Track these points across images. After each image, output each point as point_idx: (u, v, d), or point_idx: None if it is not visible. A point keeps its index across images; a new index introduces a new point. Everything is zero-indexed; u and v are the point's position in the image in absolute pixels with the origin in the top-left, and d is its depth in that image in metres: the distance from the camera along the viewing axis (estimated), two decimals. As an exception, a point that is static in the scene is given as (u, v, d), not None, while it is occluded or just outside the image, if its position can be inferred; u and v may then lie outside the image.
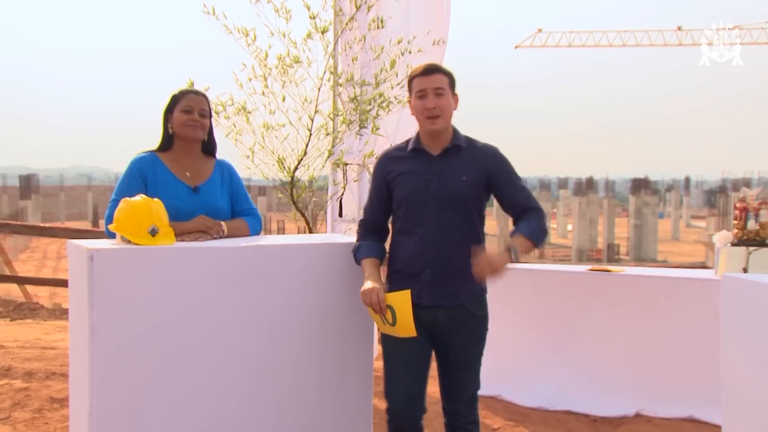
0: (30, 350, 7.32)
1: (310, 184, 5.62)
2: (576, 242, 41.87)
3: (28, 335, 8.17)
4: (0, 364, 6.70)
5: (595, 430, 5.23)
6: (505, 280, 5.92)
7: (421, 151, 3.62)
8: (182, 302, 3.47)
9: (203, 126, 3.92)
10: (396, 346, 3.63)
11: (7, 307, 9.77)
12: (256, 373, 3.64)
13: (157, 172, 3.85)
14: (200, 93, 3.97)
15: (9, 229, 11.65)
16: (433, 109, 3.51)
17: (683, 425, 5.15)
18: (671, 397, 5.34)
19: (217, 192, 3.95)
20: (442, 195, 3.55)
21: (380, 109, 5.57)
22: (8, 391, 5.82)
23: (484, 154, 3.65)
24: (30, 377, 6.26)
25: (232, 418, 3.60)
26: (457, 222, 3.57)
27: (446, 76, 3.59)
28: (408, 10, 6.12)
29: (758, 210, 5.33)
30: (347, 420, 3.88)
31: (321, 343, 3.78)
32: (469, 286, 3.54)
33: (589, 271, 5.84)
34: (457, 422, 3.64)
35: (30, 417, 5.26)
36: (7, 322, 9.06)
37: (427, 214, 3.55)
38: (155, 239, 3.49)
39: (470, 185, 3.57)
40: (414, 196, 3.58)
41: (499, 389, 5.74)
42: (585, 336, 5.67)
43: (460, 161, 3.59)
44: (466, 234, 3.57)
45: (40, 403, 5.54)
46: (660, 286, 5.54)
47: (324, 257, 3.81)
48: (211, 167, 4.01)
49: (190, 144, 3.93)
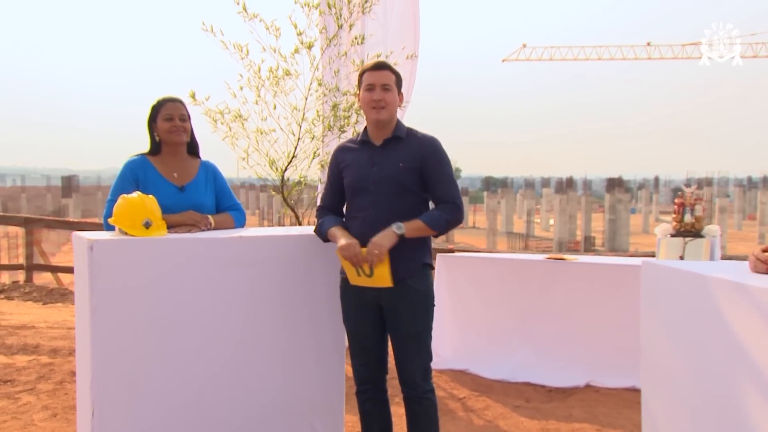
0: (57, 330, 7.36)
1: (299, 182, 5.64)
2: (557, 235, 41.92)
3: (57, 317, 8.21)
4: (30, 342, 6.76)
5: (550, 399, 5.25)
6: (474, 268, 5.99)
7: (367, 142, 3.62)
8: (172, 286, 3.50)
9: (185, 129, 3.92)
10: (352, 327, 3.68)
11: (41, 293, 9.81)
12: (240, 348, 3.67)
13: (148, 173, 3.86)
14: (177, 99, 3.95)
15: (43, 224, 11.72)
16: (379, 101, 3.50)
17: (626, 394, 5.18)
18: (616, 370, 5.37)
19: (201, 190, 3.96)
20: (380, 181, 3.53)
21: (358, 115, 5.59)
22: (35, 366, 5.87)
23: (421, 143, 3.58)
24: (55, 354, 6.30)
25: (218, 385, 3.63)
26: (395, 205, 3.51)
27: (394, 74, 3.58)
28: (387, 29, 6.13)
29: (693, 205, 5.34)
30: (323, 386, 3.90)
31: (298, 320, 3.81)
32: (408, 263, 3.50)
33: (547, 259, 5.86)
34: (415, 393, 3.59)
35: (52, 388, 5.31)
36: (40, 306, 9.10)
37: (368, 199, 3.55)
38: (149, 231, 3.52)
39: (406, 171, 3.52)
40: (357, 183, 3.58)
41: (466, 364, 5.79)
42: (543, 317, 5.69)
43: (399, 150, 3.56)
44: (404, 217, 3.48)
45: (62, 376, 5.59)
46: (607, 273, 5.58)
47: (300, 246, 3.83)
48: (196, 168, 4.02)
49: (176, 147, 3.94)
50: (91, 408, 3.37)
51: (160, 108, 3.89)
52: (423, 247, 3.59)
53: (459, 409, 5.00)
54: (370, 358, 3.66)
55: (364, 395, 3.71)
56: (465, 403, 5.15)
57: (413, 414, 3.63)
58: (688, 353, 2.80)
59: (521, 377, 5.58)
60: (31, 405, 4.95)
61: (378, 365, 3.68)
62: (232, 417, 3.68)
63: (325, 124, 5.67)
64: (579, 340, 5.54)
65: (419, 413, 3.62)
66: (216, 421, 3.64)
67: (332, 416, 3.94)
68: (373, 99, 3.52)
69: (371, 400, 3.70)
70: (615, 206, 39.14)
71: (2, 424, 4.55)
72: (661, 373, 2.97)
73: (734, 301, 2.52)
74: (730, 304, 2.54)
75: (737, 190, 45.52)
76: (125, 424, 3.44)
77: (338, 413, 3.96)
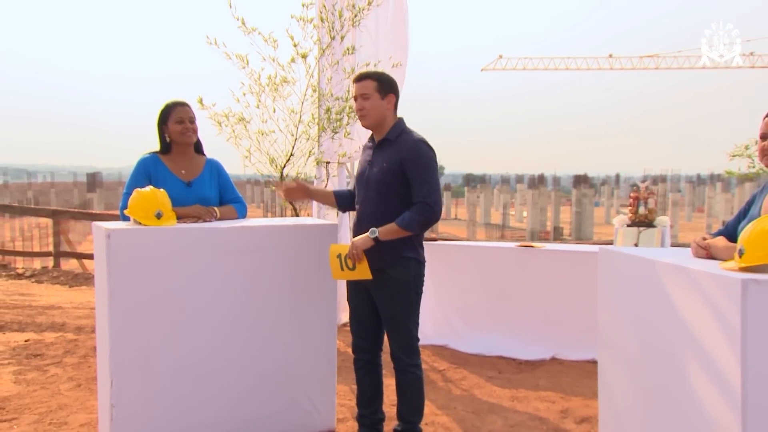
0: (81, 310, 7.35)
1: (296, 179, 5.62)
2: (530, 225, 41.88)
3: (81, 299, 8.19)
4: (57, 320, 6.76)
5: (519, 370, 5.27)
6: (453, 255, 5.99)
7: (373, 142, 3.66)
8: (181, 270, 3.50)
9: (194, 130, 3.91)
10: (352, 305, 3.74)
11: (67, 277, 9.78)
12: (242, 325, 3.68)
13: (159, 170, 3.86)
14: (184, 103, 3.92)
15: (69, 216, 11.69)
16: (360, 110, 3.52)
17: (586, 365, 5.19)
18: (578, 345, 5.38)
19: (206, 185, 3.95)
20: (370, 179, 3.55)
21: (349, 118, 5.58)
22: (62, 342, 5.86)
23: (404, 145, 3.48)
24: (79, 331, 6.30)
25: (223, 359, 3.64)
26: (378, 201, 3.50)
27: (374, 80, 3.51)
28: (377, 40, 6.11)
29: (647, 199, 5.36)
30: (317, 360, 3.90)
31: (294, 301, 3.81)
32: (387, 254, 3.46)
33: (518, 247, 5.87)
34: (399, 365, 3.61)
35: (77, 362, 5.30)
36: (66, 289, 9.07)
37: (362, 195, 3.59)
38: (160, 221, 3.52)
39: (387, 171, 3.48)
40: (358, 179, 3.67)
41: (446, 340, 5.79)
42: (514, 298, 5.69)
43: (386, 152, 3.53)
44: (384, 212, 3.46)
45: (85, 351, 5.58)
46: (570, 259, 5.60)
47: (296, 235, 3.82)
48: (202, 165, 4.00)
49: (185, 147, 3.92)
50: (110, 379, 3.39)
51: (170, 112, 3.87)
52: (403, 242, 3.49)
53: (439, 380, 5.01)
54: (365, 333, 3.70)
55: (359, 363, 3.74)
56: (445, 374, 5.16)
57: (399, 384, 3.64)
58: (638, 328, 2.82)
59: (494, 352, 5.59)
60: (58, 376, 4.95)
61: (372, 339, 3.70)
62: (236, 388, 3.69)
63: (320, 126, 5.66)
64: (545, 318, 5.55)
65: (404, 383, 3.63)
66: (221, 392, 3.65)
67: (325, 387, 3.94)
68: (357, 108, 3.56)
69: (365, 368, 3.72)
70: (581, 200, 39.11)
71: (33, 393, 4.55)
72: (615, 346, 2.99)
73: (677, 282, 2.53)
74: (674, 284, 2.56)
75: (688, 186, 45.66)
76: (140, 393, 3.45)
77: (330, 384, 3.96)
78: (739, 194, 28.91)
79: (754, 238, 2.35)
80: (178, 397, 3.54)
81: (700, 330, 2.38)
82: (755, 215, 2.86)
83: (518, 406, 4.52)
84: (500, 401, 4.59)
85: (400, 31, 6.27)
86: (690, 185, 46.08)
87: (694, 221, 31.21)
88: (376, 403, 3.75)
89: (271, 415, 3.79)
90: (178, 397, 3.54)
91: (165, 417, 3.52)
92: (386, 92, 3.54)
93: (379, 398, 3.76)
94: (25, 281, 9.49)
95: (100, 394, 3.65)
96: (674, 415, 2.55)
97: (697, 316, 2.39)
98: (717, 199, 31.26)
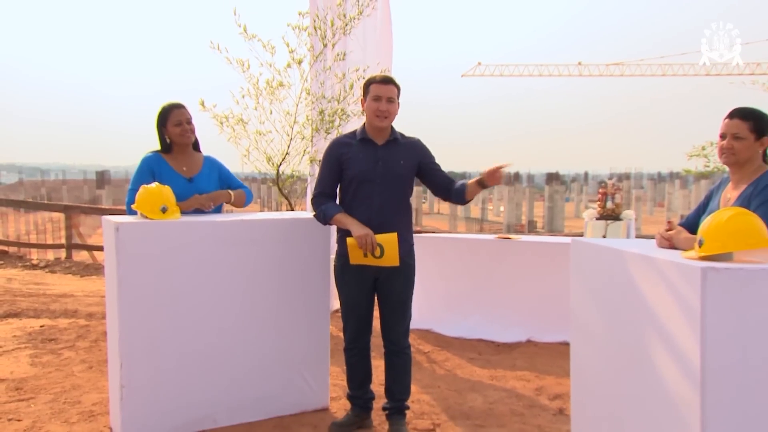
0: (92, 298, 7.30)
1: (291, 176, 5.60)
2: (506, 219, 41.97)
3: (92, 287, 8.13)
4: (70, 307, 6.71)
5: (498, 352, 5.27)
6: (437, 246, 5.99)
7: (368, 141, 3.53)
8: (185, 260, 3.48)
9: (192, 130, 3.88)
10: (348, 299, 3.62)
11: (79, 267, 9.70)
12: (242, 311, 3.67)
13: (161, 167, 3.83)
14: (181, 105, 3.87)
15: (80, 211, 11.59)
16: (385, 111, 3.44)
17: (559, 347, 5.21)
18: (552, 328, 5.39)
19: (206, 181, 3.92)
20: (386, 175, 3.48)
21: (341, 119, 5.56)
22: (74, 327, 5.82)
23: (414, 145, 3.60)
24: (90, 317, 6.25)
25: (225, 342, 3.63)
26: (395, 195, 3.51)
27: (396, 87, 3.50)
28: (365, 47, 6.09)
29: (614, 194, 5.40)
30: (312, 343, 3.90)
31: (291, 289, 3.79)
32: (404, 245, 3.50)
33: (497, 238, 5.87)
34: (396, 348, 3.60)
35: (88, 345, 5.27)
36: (78, 278, 9.00)
37: (374, 189, 3.47)
38: (165, 215, 3.49)
39: (406, 168, 3.53)
40: (363, 175, 3.48)
41: (431, 324, 5.78)
42: (493, 286, 5.68)
43: (399, 150, 3.53)
44: (401, 203, 3.54)
45: (96, 335, 5.55)
46: (545, 249, 5.59)
47: (292, 228, 3.81)
48: (201, 162, 3.97)
49: (185, 147, 3.90)
50: (120, 361, 3.38)
51: (168, 115, 3.83)
52: (412, 232, 3.66)
53: (424, 361, 5.01)
54: (360, 324, 3.63)
55: (352, 352, 3.68)
56: (429, 356, 5.16)
57: (392, 365, 3.63)
58: (607, 312, 2.83)
59: (475, 335, 5.59)
60: (71, 359, 4.91)
61: (365, 328, 3.66)
62: (237, 369, 3.68)
63: (313, 127, 5.63)
64: (521, 304, 5.55)
65: (397, 364, 3.63)
66: (223, 372, 3.64)
67: (319, 368, 3.93)
68: (379, 109, 3.44)
69: (357, 356, 3.68)
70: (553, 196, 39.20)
71: (48, 375, 4.52)
72: (586, 329, 2.99)
73: (643, 270, 2.54)
74: (640, 272, 2.56)
75: (650, 183, 45.80)
76: (148, 374, 3.44)
77: (324, 365, 3.96)
78: (696, 190, 29.12)
79: (712, 230, 2.38)
80: (183, 378, 3.53)
81: (663, 313, 2.40)
82: (714, 209, 2.88)
83: (497, 384, 4.53)
84: (480, 380, 4.60)
85: (385, 38, 6.26)
86: (651, 182, 46.29)
87: (655, 215, 31.38)
88: (367, 384, 3.74)
89: (270, 393, 3.79)
90: (183, 377, 3.53)
91: (171, 396, 3.51)
92: (399, 98, 3.56)
93: (369, 379, 3.74)
94: (39, 271, 9.42)
95: (110, 375, 3.63)
96: (640, 390, 2.57)
97: (661, 300, 2.41)
98: (676, 195, 31.45)
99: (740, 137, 2.81)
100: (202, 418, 3.61)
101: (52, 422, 3.75)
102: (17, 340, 5.44)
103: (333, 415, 3.90)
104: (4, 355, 5.03)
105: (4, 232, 12.14)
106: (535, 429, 3.78)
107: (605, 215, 5.46)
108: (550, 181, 39.78)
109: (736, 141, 2.82)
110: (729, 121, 2.85)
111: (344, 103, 5.61)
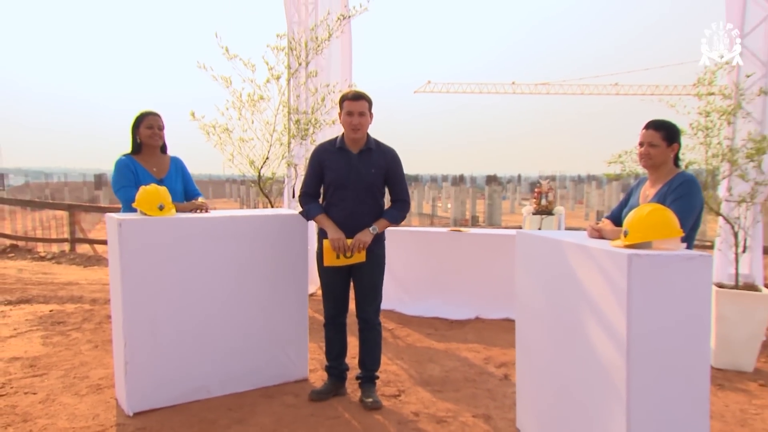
0: (95, 285, 7.14)
1: (270, 178, 5.51)
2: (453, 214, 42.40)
3: (95, 276, 7.93)
4: (75, 294, 6.55)
5: (451, 328, 5.30)
6: (397, 237, 5.98)
7: (345, 150, 3.49)
8: (180, 252, 3.41)
9: (161, 136, 3.78)
10: (327, 281, 3.60)
11: (82, 259, 9.44)
12: (231, 297, 3.61)
13: (136, 168, 3.71)
14: (156, 113, 3.78)
15: (81, 209, 11.27)
16: (357, 124, 3.40)
17: (503, 323, 5.27)
18: (497, 307, 5.45)
19: (173, 180, 3.82)
20: (358, 182, 3.45)
21: (315, 128, 5.51)
22: (80, 311, 5.67)
23: (386, 155, 3.51)
24: (94, 302, 6.10)
25: (216, 324, 3.57)
26: (367, 199, 3.47)
27: (367, 101, 3.44)
28: (329, 65, 6.06)
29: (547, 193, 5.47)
30: (292, 324, 3.86)
31: (273, 277, 3.75)
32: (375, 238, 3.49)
33: (450, 231, 5.90)
34: (368, 325, 3.59)
35: (94, 327, 5.13)
36: (82, 268, 8.76)
37: (348, 194, 3.45)
38: (162, 212, 3.41)
39: (376, 175, 3.48)
40: (338, 180, 3.45)
41: (394, 305, 5.77)
42: (446, 271, 5.67)
43: (371, 159, 3.48)
44: (373, 206, 3.49)
45: (100, 318, 5.41)
46: (490, 240, 5.62)
47: (273, 223, 3.75)
48: (168, 163, 3.86)
49: (153, 149, 3.78)
50: (124, 341, 3.29)
51: (143, 119, 3.73)
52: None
53: (389, 337, 5.01)
54: (337, 302, 3.62)
55: (329, 326, 3.66)
56: (393, 332, 5.16)
57: (365, 339, 3.62)
58: (547, 292, 2.86)
59: (431, 314, 5.61)
60: (78, 339, 4.77)
61: (341, 307, 3.64)
62: (228, 346, 3.63)
63: (290, 135, 5.56)
64: (471, 286, 5.60)
65: (369, 338, 3.62)
66: (215, 350, 3.58)
67: (299, 344, 3.90)
68: (352, 123, 3.40)
69: (333, 329, 3.66)
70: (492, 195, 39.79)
71: (58, 353, 4.40)
72: (529, 307, 3.02)
73: (578, 257, 2.58)
74: (576, 258, 2.60)
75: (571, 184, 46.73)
76: (149, 352, 3.37)
77: (303, 342, 3.92)
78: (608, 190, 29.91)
79: (635, 223, 2.43)
80: (180, 355, 3.46)
81: (595, 292, 2.43)
82: (635, 204, 2.94)
83: (451, 355, 4.55)
84: (437, 352, 4.62)
85: (346, 58, 6.22)
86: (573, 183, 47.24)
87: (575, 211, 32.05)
88: (342, 356, 3.72)
89: (257, 367, 3.74)
90: (180, 354, 3.46)
91: (170, 371, 3.44)
92: (371, 110, 3.51)
93: (344, 352, 3.73)
94: (47, 263, 9.14)
95: (115, 353, 3.53)
96: (576, 357, 2.61)
97: (594, 281, 2.44)
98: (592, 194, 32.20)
99: (654, 144, 2.88)
100: (197, 389, 3.55)
101: (63, 395, 3.64)
102: (29, 323, 5.27)
103: (312, 384, 3.87)
104: (18, 336, 4.87)
105: (13, 228, 11.76)
106: (486, 392, 3.81)
107: (540, 210, 5.53)
108: (489, 182, 40.26)
109: (652, 148, 2.88)
110: (645, 131, 2.91)
111: (317, 113, 5.55)
